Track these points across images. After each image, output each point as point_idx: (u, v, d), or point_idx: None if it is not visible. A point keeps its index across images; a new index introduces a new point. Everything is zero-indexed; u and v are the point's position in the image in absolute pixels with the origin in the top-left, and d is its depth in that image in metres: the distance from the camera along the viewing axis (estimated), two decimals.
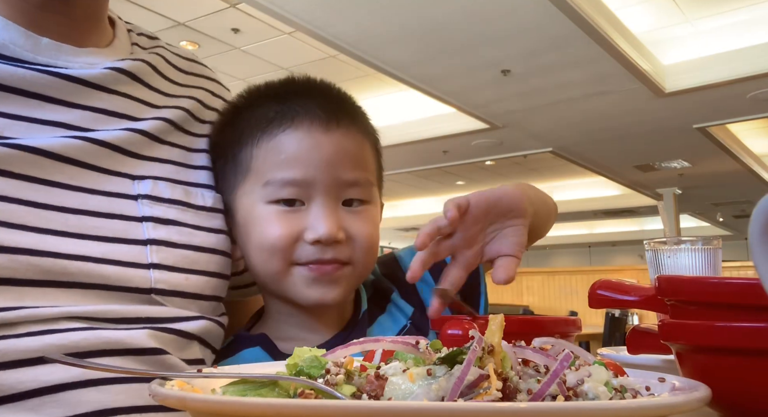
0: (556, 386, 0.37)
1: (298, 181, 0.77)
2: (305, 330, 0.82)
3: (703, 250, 0.85)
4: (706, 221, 13.79)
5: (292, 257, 0.77)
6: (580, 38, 4.77)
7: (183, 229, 0.74)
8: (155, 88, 0.80)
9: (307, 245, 0.76)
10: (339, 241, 0.77)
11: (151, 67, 0.81)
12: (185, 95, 0.84)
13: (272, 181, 0.77)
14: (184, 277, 0.72)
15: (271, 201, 0.77)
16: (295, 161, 0.77)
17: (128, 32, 0.84)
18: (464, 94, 6.12)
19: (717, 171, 8.99)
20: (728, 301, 0.47)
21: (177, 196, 0.75)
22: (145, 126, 0.75)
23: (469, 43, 4.96)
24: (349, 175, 0.79)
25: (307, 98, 0.81)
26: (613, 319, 6.81)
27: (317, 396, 0.39)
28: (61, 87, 0.69)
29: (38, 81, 0.67)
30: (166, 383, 0.39)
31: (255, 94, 0.85)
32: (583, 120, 6.85)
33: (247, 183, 0.79)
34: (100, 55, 0.75)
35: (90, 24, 0.76)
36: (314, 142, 0.78)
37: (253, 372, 0.48)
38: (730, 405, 0.48)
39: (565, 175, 9.73)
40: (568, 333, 0.66)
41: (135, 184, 0.72)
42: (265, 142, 0.79)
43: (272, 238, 0.76)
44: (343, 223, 0.78)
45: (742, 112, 6.51)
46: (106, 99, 0.73)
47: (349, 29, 4.72)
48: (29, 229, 0.62)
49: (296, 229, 0.77)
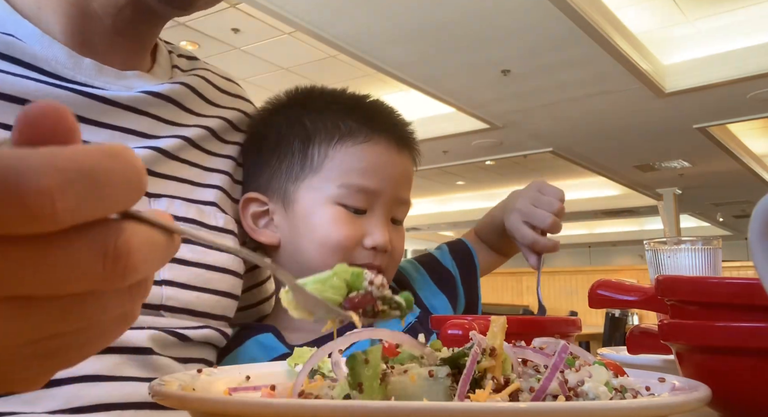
0: (558, 385, 0.37)
1: (371, 190, 0.84)
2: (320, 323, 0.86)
3: (703, 250, 0.85)
4: (706, 221, 13.78)
5: (351, 258, 0.83)
6: (580, 38, 4.77)
7: (196, 247, 0.74)
8: (188, 108, 0.81)
9: (364, 250, 0.84)
10: (386, 251, 0.86)
11: (190, 89, 0.82)
12: (216, 115, 0.85)
13: (348, 185, 0.83)
14: (196, 295, 0.73)
15: (339, 203, 0.83)
16: (373, 172, 0.84)
17: (169, 54, 0.85)
18: (464, 94, 6.12)
19: (717, 171, 8.98)
20: (728, 301, 0.47)
21: (191, 215, 0.76)
22: (161, 143, 0.75)
23: (469, 43, 4.96)
24: (404, 195, 0.89)
25: (386, 117, 0.90)
26: (613, 319, 6.81)
27: (317, 396, 0.39)
28: (93, 107, 0.70)
29: (71, 101, 0.67)
30: (167, 383, 0.39)
31: (317, 98, 0.91)
32: (583, 120, 6.85)
33: (315, 179, 0.84)
34: (142, 80, 0.76)
35: (138, 48, 0.77)
36: (390, 159, 0.86)
37: (255, 371, 0.48)
38: (730, 405, 0.48)
39: (565, 175, 9.72)
40: (568, 333, 0.65)
41: (151, 202, 0.72)
42: (344, 145, 0.85)
43: (340, 238, 0.82)
44: (389, 237, 0.86)
45: (742, 112, 6.51)
46: (134, 119, 0.73)
47: (349, 29, 4.72)
48: None
49: (359, 233, 0.84)
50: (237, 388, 0.45)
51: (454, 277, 1.03)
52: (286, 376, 0.49)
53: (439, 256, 1.05)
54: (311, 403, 0.33)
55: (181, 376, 0.43)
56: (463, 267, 1.05)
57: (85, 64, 0.70)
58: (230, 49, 5.44)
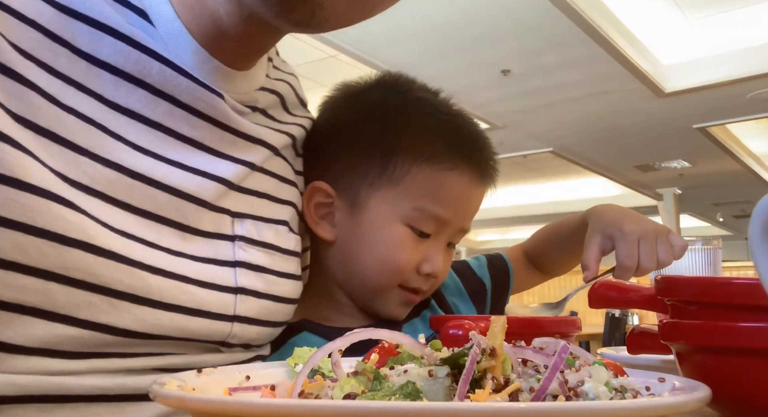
0: (558, 386, 0.37)
1: (443, 220, 0.81)
2: (348, 317, 0.86)
3: (703, 250, 0.85)
4: (706, 221, 13.77)
5: (404, 281, 0.82)
6: (580, 38, 4.77)
7: (269, 277, 0.68)
8: (273, 117, 0.76)
9: (418, 275, 0.82)
10: (437, 277, 0.84)
11: (278, 96, 0.77)
12: (295, 123, 0.80)
13: (423, 210, 0.80)
14: (257, 331, 0.67)
15: (409, 224, 0.80)
16: (450, 203, 0.82)
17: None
18: (464, 94, 6.11)
19: (717, 171, 8.98)
20: (728, 301, 0.47)
21: (269, 238, 0.69)
22: (251, 157, 0.68)
23: (469, 43, 4.96)
24: (468, 226, 0.87)
25: (478, 145, 0.86)
26: (613, 319, 6.81)
27: (317, 396, 0.39)
28: (205, 103, 0.63)
29: (191, 92, 0.61)
30: (166, 383, 0.39)
31: (412, 105, 0.84)
32: (583, 120, 6.85)
33: (391, 192, 0.81)
34: (245, 80, 0.69)
35: (260, 54, 0.70)
36: (470, 193, 0.84)
37: (255, 371, 0.48)
38: (730, 405, 0.48)
39: (565, 175, 9.72)
40: (568, 333, 0.66)
41: (234, 225, 0.65)
42: (429, 166, 0.81)
43: (401, 262, 0.80)
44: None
45: (742, 112, 6.51)
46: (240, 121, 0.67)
47: (349, 29, 4.69)
48: (144, 268, 0.55)
49: (418, 257, 0.82)
50: (237, 388, 0.45)
51: (486, 290, 1.02)
52: (286, 376, 0.49)
53: (476, 266, 1.03)
54: (311, 403, 0.33)
55: (181, 376, 0.43)
56: (497, 283, 1.03)
57: (210, 66, 0.63)
58: None
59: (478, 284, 1.01)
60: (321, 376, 0.43)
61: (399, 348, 0.45)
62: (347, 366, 0.44)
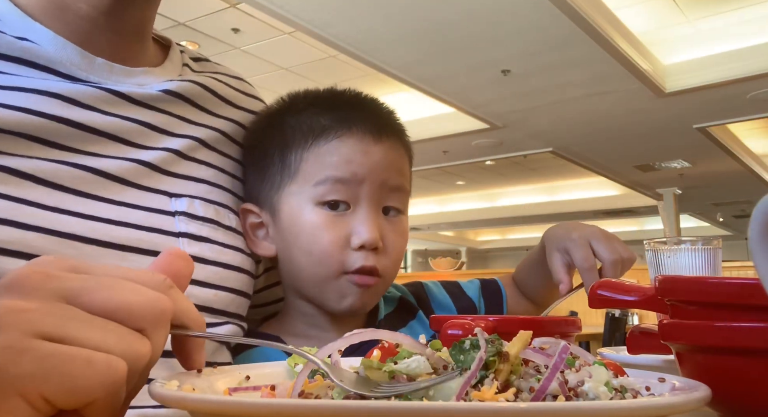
0: (558, 386, 0.37)
1: (347, 180, 0.80)
2: (322, 330, 0.85)
3: (703, 250, 0.85)
4: (706, 221, 13.78)
5: (343, 265, 0.80)
6: (580, 38, 4.77)
7: (214, 246, 0.76)
8: (204, 107, 0.82)
9: (354, 252, 0.79)
10: (377, 249, 0.80)
11: (204, 89, 0.83)
12: (229, 117, 0.86)
13: (323, 180, 0.80)
14: (214, 293, 0.74)
15: (319, 202, 0.80)
16: (346, 163, 0.80)
17: (180, 54, 0.86)
18: (464, 94, 6.12)
19: (717, 171, 8.98)
20: (728, 301, 0.47)
21: (210, 214, 0.77)
22: (176, 144, 0.76)
23: (469, 43, 4.96)
24: (393, 181, 0.83)
25: (361, 110, 0.85)
26: (613, 319, 6.80)
27: (317, 396, 0.39)
28: (113, 101, 0.71)
29: (91, 95, 0.69)
30: (166, 383, 0.39)
31: (300, 101, 0.88)
32: (583, 120, 6.85)
33: (294, 184, 0.82)
34: (151, 75, 0.77)
35: (139, 44, 0.77)
36: (366, 148, 0.81)
37: (255, 371, 0.48)
38: (730, 405, 0.48)
39: (565, 175, 9.72)
40: (568, 333, 0.66)
41: (172, 202, 0.74)
42: (317, 146, 0.81)
43: (323, 244, 0.79)
44: (382, 232, 0.81)
45: (742, 112, 6.51)
46: (150, 115, 0.75)
47: (349, 29, 4.72)
48: (76, 239, 0.64)
49: (343, 233, 0.79)
50: (237, 388, 0.45)
51: (476, 310, 1.01)
52: (286, 376, 0.49)
53: (467, 287, 1.03)
54: (311, 403, 0.33)
55: (181, 375, 0.43)
56: (491, 305, 1.02)
57: (98, 64, 0.71)
58: (230, 49, 5.44)
59: (468, 303, 1.01)
60: (321, 376, 0.43)
61: (399, 348, 0.45)
62: (347, 366, 0.44)
